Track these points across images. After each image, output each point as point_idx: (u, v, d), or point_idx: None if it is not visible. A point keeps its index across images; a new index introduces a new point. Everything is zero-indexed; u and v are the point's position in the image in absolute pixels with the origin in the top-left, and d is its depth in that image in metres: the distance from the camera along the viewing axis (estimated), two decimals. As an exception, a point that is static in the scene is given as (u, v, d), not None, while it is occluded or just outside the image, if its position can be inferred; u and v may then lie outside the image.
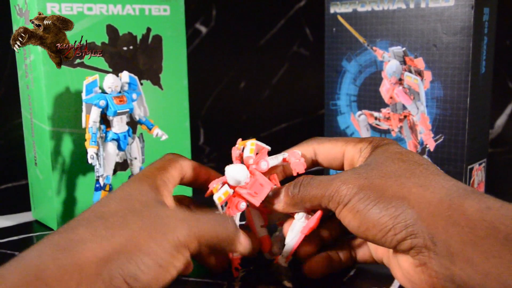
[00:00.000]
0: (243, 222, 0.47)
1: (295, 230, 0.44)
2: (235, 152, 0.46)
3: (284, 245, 0.45)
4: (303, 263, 0.45)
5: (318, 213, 0.43)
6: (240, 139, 0.47)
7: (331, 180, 0.40)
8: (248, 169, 0.44)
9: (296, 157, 0.46)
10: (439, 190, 0.37)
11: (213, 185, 0.44)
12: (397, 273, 0.40)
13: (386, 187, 0.38)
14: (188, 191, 0.66)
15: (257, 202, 0.43)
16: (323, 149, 0.47)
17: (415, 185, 0.37)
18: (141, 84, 0.62)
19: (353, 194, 0.38)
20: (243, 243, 0.42)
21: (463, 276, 0.33)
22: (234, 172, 0.42)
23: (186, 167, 0.46)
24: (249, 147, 0.45)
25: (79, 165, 0.58)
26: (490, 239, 0.33)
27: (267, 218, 0.47)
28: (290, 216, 0.45)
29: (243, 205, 0.43)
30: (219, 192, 0.43)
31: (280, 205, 0.43)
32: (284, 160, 0.46)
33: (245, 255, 0.44)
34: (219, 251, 0.43)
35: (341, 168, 0.47)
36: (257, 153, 0.45)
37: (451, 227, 0.34)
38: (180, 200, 0.48)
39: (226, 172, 0.43)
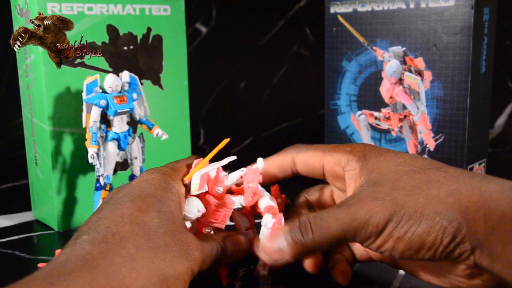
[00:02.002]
0: (232, 223, 0.47)
1: (264, 237, 0.41)
2: (184, 181, 0.43)
3: None
4: (332, 275, 0.43)
5: (280, 216, 0.41)
6: (195, 161, 0.44)
7: (352, 213, 0.37)
8: (205, 197, 0.42)
9: (250, 177, 0.42)
10: (466, 190, 0.35)
11: None
12: (425, 276, 0.40)
13: (417, 203, 0.35)
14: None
15: (221, 226, 0.42)
16: (302, 158, 0.45)
17: (443, 192, 0.36)
18: (142, 84, 0.62)
19: (386, 221, 0.36)
20: (229, 255, 0.42)
21: (504, 275, 0.33)
22: (188, 209, 0.41)
23: None
24: (194, 182, 0.41)
25: (80, 164, 0.58)
26: None
27: (253, 220, 0.47)
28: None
29: (207, 230, 0.43)
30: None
31: (285, 257, 0.38)
32: (241, 177, 0.43)
33: (235, 260, 0.43)
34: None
35: (321, 177, 0.45)
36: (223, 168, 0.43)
37: (490, 228, 0.34)
38: None
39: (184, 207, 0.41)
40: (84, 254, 0.33)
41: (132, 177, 0.59)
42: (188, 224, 0.42)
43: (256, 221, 0.47)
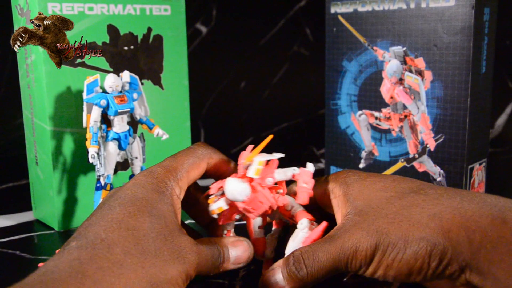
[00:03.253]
0: (244, 222, 0.47)
1: (297, 241, 0.42)
2: (241, 162, 0.43)
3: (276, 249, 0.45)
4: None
5: (323, 225, 0.42)
6: (250, 146, 0.44)
7: (340, 245, 0.38)
8: (251, 183, 0.42)
9: (306, 178, 0.43)
10: (447, 214, 0.36)
11: (212, 193, 0.43)
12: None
13: (401, 230, 0.36)
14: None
15: (252, 217, 0.42)
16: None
17: (425, 217, 0.36)
18: (142, 83, 0.62)
19: (373, 251, 0.37)
20: (230, 262, 0.42)
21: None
22: (234, 190, 0.41)
23: (210, 165, 0.45)
24: (255, 166, 0.41)
25: (80, 164, 0.59)
26: (507, 254, 0.33)
27: (266, 219, 0.47)
28: (291, 219, 0.45)
29: (236, 217, 0.43)
30: (214, 205, 0.42)
31: None
32: (293, 176, 0.43)
33: (235, 268, 0.43)
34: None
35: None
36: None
37: (474, 248, 0.34)
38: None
39: (225, 186, 0.41)
40: (71, 260, 0.33)
41: (132, 177, 0.59)
42: (224, 206, 0.42)
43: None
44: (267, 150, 0.44)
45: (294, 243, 0.42)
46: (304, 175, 0.43)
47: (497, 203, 0.36)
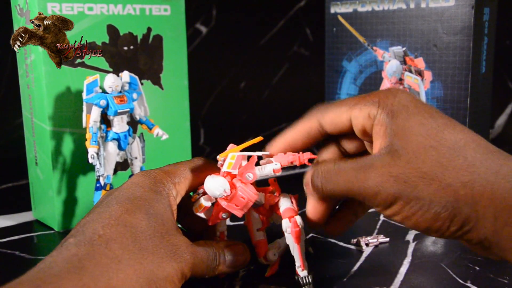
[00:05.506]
0: (242, 222, 0.47)
1: (290, 242, 0.43)
2: (218, 158, 0.44)
3: (281, 252, 0.45)
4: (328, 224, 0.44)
5: (294, 219, 0.42)
6: (231, 145, 0.45)
7: (363, 180, 0.37)
8: (232, 181, 0.42)
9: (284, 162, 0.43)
10: (480, 186, 0.35)
11: (197, 192, 0.44)
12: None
13: (429, 189, 0.35)
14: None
15: (239, 214, 0.42)
16: (328, 119, 0.42)
17: (457, 182, 0.35)
18: (142, 84, 0.62)
19: (395, 199, 0.36)
20: (226, 265, 0.42)
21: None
22: (210, 186, 0.41)
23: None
24: (228, 160, 0.42)
25: (80, 164, 0.58)
26: None
27: (266, 221, 0.47)
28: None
29: (224, 216, 0.43)
30: (196, 203, 0.43)
31: (308, 191, 0.41)
32: (274, 171, 0.43)
33: (231, 272, 0.43)
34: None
35: (351, 133, 0.42)
36: (249, 158, 0.43)
37: (499, 226, 0.34)
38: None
39: (204, 183, 0.42)
40: (70, 256, 0.33)
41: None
42: (205, 203, 0.42)
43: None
44: (258, 150, 0.44)
45: (291, 246, 0.43)
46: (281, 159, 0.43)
47: None
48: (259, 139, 0.44)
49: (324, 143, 0.45)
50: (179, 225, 0.43)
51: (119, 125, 0.56)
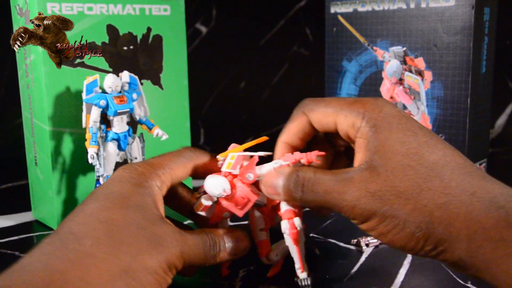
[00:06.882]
0: (244, 222, 0.47)
1: (289, 244, 0.42)
2: (217, 158, 0.44)
3: (283, 253, 0.45)
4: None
5: (292, 221, 0.42)
6: (232, 145, 0.45)
7: (341, 193, 0.37)
8: (233, 180, 0.42)
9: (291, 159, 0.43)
10: (455, 208, 0.35)
11: (199, 191, 0.44)
12: None
13: (404, 209, 0.36)
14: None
15: (239, 213, 0.42)
16: (315, 118, 0.43)
17: (432, 204, 0.36)
18: (142, 84, 0.62)
19: (371, 215, 0.36)
20: (227, 252, 0.42)
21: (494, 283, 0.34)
22: (210, 185, 0.41)
23: (197, 166, 0.45)
24: (228, 160, 0.42)
25: (80, 165, 0.58)
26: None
27: (270, 221, 0.46)
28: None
29: (225, 215, 0.43)
30: (196, 202, 0.43)
31: (278, 197, 0.41)
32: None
33: (232, 259, 0.43)
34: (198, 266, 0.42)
35: (336, 133, 0.43)
36: (251, 157, 0.43)
37: (473, 248, 0.34)
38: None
39: (204, 183, 0.42)
40: (41, 255, 0.33)
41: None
42: (205, 202, 0.42)
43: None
44: (262, 150, 0.44)
45: (290, 248, 0.42)
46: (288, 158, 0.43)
47: (505, 203, 0.35)
48: (264, 138, 0.44)
49: (316, 138, 0.45)
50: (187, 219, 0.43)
51: (119, 125, 0.56)
